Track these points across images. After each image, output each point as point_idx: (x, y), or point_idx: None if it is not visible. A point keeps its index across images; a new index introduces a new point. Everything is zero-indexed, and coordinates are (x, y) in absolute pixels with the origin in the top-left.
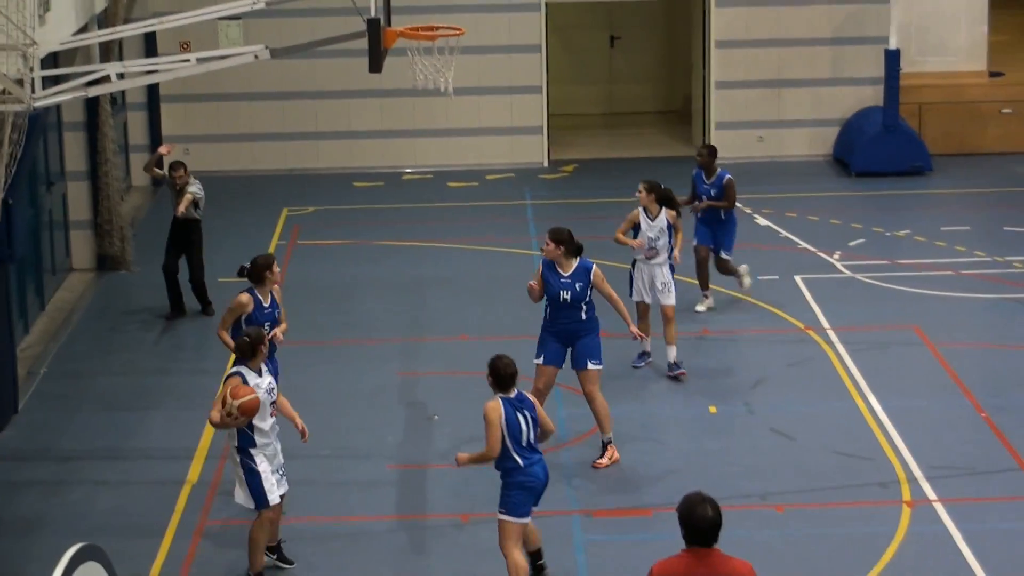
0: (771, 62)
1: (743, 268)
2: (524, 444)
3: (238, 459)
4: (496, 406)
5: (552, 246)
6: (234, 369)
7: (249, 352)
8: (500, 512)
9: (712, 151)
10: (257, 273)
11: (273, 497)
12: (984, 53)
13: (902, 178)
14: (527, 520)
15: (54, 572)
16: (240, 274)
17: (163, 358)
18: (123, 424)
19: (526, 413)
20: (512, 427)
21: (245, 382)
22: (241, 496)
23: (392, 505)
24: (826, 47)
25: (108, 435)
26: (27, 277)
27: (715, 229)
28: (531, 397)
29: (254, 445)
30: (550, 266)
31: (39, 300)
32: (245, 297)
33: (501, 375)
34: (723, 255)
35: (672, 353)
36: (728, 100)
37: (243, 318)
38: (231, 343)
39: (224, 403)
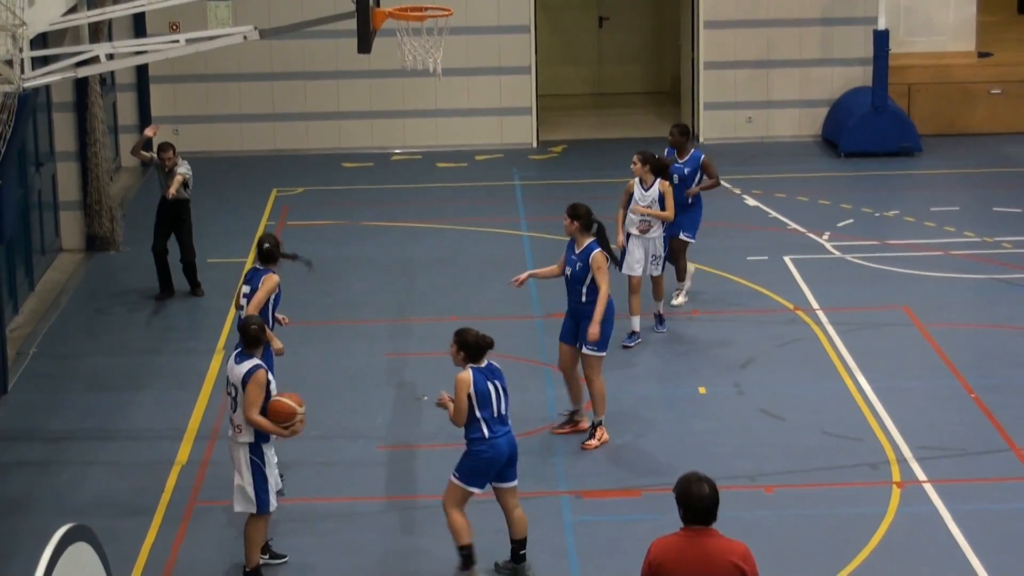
0: (760, 42)
1: (687, 284)
2: (495, 414)
3: (248, 459)
4: (466, 375)
5: (567, 221)
6: (255, 363)
7: (263, 340)
8: (454, 475)
9: (684, 130)
10: (276, 253)
11: (274, 502)
12: (973, 33)
13: (891, 158)
14: (477, 491)
15: (43, 552)
16: (269, 255)
17: (152, 338)
18: (112, 404)
19: (497, 383)
20: (482, 396)
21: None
22: (241, 503)
23: (382, 486)
24: (815, 27)
25: (97, 415)
26: (16, 258)
27: (680, 213)
28: (499, 367)
29: (267, 440)
30: (571, 242)
31: (28, 280)
32: (277, 277)
33: (471, 346)
34: (683, 236)
35: (660, 307)
36: (717, 80)
37: (272, 298)
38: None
39: (283, 413)
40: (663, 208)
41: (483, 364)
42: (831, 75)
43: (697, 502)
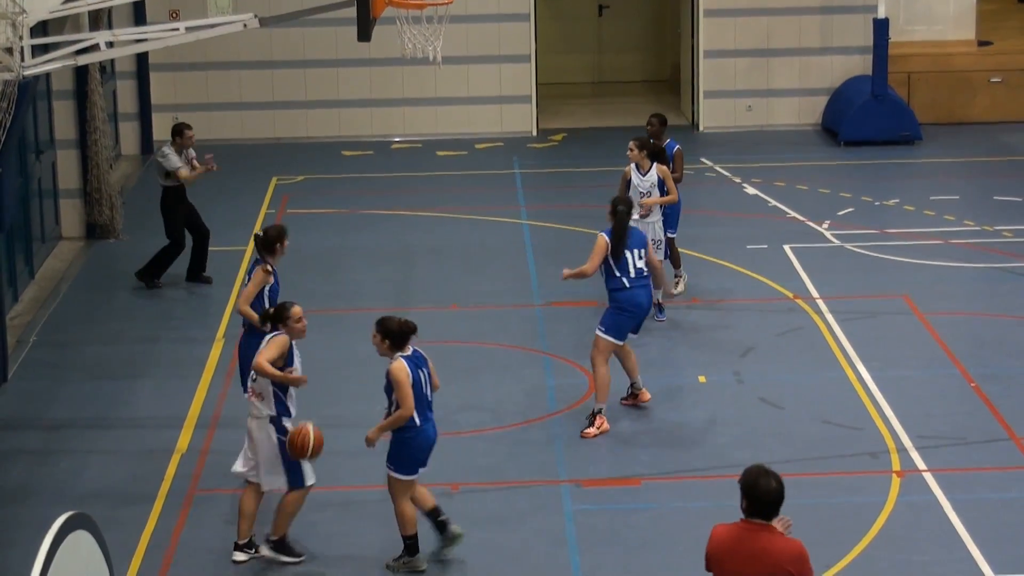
0: (760, 31)
1: (682, 279)
2: (424, 401)
3: (276, 439)
4: (402, 365)
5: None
6: (275, 332)
7: (274, 316)
8: (388, 467)
9: (663, 120)
10: (269, 243)
11: (310, 474)
12: (972, 22)
13: (891, 147)
14: (414, 477)
15: (43, 541)
16: (257, 244)
17: (152, 326)
18: (112, 393)
19: (424, 371)
20: (416, 384)
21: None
22: (269, 480)
23: (382, 474)
24: (815, 16)
25: (97, 404)
26: (16, 246)
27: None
28: (424, 353)
29: (289, 415)
30: None
31: (28, 269)
32: (267, 268)
33: (396, 333)
34: (668, 233)
35: (658, 295)
36: (717, 69)
37: (266, 290)
38: (254, 315)
39: (299, 444)
40: (664, 192)
41: (409, 352)
42: (831, 63)
43: (765, 496)
